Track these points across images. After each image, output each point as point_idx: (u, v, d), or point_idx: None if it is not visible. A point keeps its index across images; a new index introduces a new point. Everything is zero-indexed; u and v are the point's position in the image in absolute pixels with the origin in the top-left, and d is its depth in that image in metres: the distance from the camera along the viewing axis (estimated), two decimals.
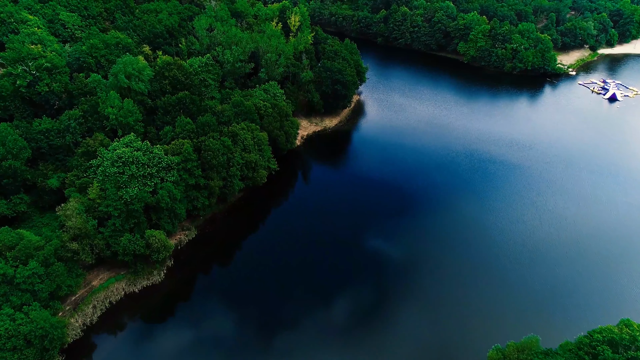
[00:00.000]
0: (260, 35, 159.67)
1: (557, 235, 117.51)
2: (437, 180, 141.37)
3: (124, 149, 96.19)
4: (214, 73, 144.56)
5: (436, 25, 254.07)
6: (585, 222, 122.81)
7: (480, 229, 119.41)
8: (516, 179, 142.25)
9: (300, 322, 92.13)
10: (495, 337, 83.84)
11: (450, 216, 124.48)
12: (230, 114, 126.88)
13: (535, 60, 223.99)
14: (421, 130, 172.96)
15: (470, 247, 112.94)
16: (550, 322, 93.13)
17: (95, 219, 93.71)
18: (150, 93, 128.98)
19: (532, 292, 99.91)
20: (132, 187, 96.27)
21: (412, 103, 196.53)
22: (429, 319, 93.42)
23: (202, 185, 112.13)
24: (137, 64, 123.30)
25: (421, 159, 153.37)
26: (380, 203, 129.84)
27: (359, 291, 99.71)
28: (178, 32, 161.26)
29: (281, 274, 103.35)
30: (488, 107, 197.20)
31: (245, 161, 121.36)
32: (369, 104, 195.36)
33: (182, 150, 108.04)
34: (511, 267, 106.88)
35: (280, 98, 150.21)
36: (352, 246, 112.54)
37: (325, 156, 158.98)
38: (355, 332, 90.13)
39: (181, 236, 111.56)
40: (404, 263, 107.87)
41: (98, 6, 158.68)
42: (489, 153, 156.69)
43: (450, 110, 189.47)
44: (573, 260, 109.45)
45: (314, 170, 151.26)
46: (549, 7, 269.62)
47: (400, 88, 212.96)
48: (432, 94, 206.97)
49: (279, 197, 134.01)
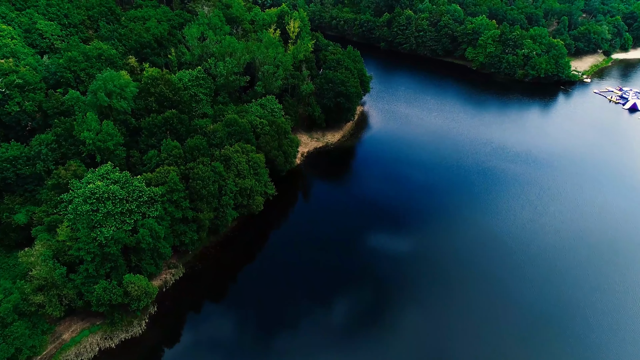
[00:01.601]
0: (257, 45, 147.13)
1: (587, 270, 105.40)
2: (449, 202, 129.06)
3: (98, 184, 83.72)
4: (206, 87, 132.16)
5: (442, 29, 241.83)
6: (618, 252, 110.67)
7: (497, 257, 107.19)
8: (535, 200, 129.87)
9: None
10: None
11: (467, 243, 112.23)
12: (223, 134, 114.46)
13: (549, 67, 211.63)
14: (430, 145, 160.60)
15: (489, 278, 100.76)
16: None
17: (64, 266, 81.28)
18: (134, 111, 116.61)
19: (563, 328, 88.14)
20: (108, 226, 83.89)
21: (418, 114, 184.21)
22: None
23: (190, 219, 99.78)
24: (119, 79, 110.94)
25: (431, 178, 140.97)
26: (387, 229, 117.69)
27: (368, 336, 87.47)
28: (168, 42, 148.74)
29: (282, 319, 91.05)
30: (500, 118, 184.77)
31: (240, 188, 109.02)
32: (373, 115, 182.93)
33: (168, 180, 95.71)
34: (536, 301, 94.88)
35: (278, 113, 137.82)
36: (360, 281, 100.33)
37: (328, 176, 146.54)
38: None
39: (167, 276, 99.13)
40: (415, 298, 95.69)
41: (80, 13, 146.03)
42: (504, 171, 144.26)
43: (460, 122, 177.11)
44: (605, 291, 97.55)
45: (315, 193, 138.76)
46: (561, 10, 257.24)
47: (406, 97, 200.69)
48: (439, 103, 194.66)
49: (278, 225, 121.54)
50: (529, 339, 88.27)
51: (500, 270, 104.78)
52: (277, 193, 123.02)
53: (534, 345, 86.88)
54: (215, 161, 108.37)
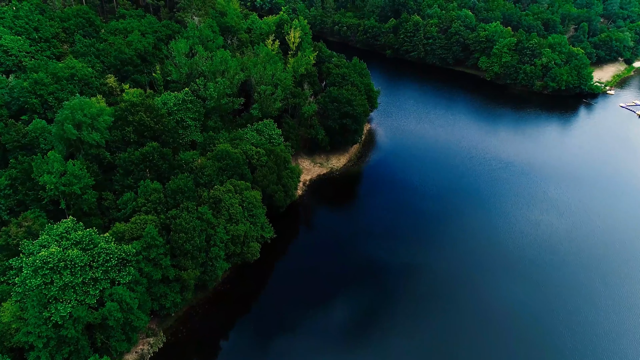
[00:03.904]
0: (253, 61, 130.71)
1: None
2: (468, 238, 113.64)
3: (52, 250, 67.39)
4: (194, 111, 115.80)
5: (453, 36, 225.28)
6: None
7: (539, 306, 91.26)
8: (574, 246, 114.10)
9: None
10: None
11: (492, 284, 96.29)
12: (212, 171, 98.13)
13: (571, 79, 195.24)
14: (444, 169, 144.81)
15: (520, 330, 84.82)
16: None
17: (9, 354, 65.13)
18: (109, 144, 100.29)
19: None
20: (65, 301, 67.69)
21: (430, 131, 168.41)
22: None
23: (172, 279, 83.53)
24: (89, 108, 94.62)
25: (448, 209, 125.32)
26: (401, 269, 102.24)
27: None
28: (153, 57, 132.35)
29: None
30: (519, 137, 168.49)
31: (232, 236, 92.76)
32: (381, 134, 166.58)
33: (144, 233, 79.48)
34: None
35: (277, 140, 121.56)
36: (372, 345, 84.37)
37: (333, 208, 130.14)
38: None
39: (143, 347, 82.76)
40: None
41: (54, 26, 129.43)
42: (529, 201, 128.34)
43: (476, 141, 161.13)
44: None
45: (319, 230, 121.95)
46: (578, 16, 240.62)
47: (416, 112, 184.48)
48: (452, 119, 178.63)
49: (277, 273, 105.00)
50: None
51: (546, 318, 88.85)
52: (276, 235, 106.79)
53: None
54: (203, 204, 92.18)
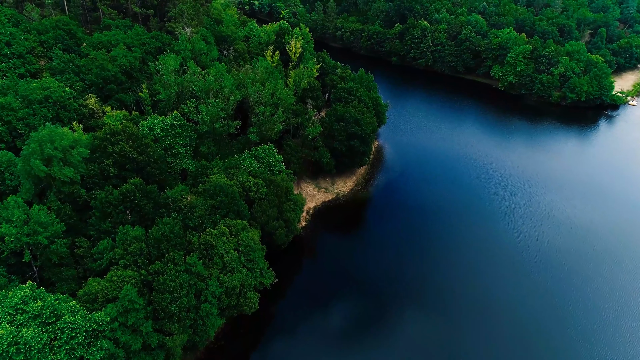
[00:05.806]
0: (251, 77, 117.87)
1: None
2: (488, 269, 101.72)
3: (2, 332, 54.64)
4: (185, 136, 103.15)
5: (463, 43, 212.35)
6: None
7: None
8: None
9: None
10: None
11: None
12: (204, 212, 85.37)
13: (591, 90, 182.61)
14: (458, 190, 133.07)
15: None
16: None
17: None
18: (85, 179, 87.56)
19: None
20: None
21: (441, 147, 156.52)
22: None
23: (154, 346, 70.89)
24: (61, 140, 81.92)
25: (463, 235, 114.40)
26: (414, 308, 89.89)
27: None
28: (140, 73, 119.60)
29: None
30: (540, 154, 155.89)
31: (226, 288, 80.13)
32: (390, 152, 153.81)
33: (121, 296, 66.78)
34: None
35: (277, 167, 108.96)
36: None
37: (340, 240, 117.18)
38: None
39: None
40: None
41: (29, 39, 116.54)
42: (559, 241, 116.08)
43: (491, 158, 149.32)
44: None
45: (324, 265, 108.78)
46: (595, 20, 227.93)
47: (425, 126, 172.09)
48: (465, 133, 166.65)
49: (278, 322, 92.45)
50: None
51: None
52: (277, 280, 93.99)
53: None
54: (192, 252, 79.52)
